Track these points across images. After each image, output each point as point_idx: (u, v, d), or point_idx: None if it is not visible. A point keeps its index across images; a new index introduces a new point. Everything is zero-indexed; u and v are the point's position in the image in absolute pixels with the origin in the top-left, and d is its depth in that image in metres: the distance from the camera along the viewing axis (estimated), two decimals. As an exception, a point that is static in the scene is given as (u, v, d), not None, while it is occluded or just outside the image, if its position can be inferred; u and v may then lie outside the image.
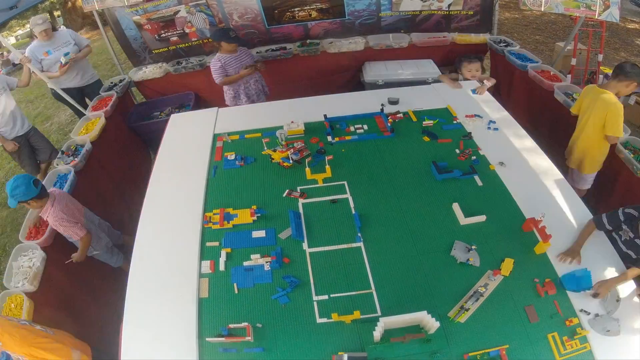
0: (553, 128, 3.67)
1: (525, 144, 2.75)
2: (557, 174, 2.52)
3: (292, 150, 2.69)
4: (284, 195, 2.48)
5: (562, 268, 1.97)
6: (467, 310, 1.82)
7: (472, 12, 4.68)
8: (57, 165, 3.30)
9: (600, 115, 2.79)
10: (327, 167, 2.61)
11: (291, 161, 2.64)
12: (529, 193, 2.38)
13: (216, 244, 2.23)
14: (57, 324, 2.53)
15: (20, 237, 2.72)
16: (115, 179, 3.81)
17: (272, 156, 2.70)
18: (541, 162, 2.60)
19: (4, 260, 3.80)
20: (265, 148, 2.76)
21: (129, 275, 2.13)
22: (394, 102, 3.23)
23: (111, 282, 3.17)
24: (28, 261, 2.58)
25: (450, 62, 4.78)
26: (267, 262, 2.09)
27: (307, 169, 2.62)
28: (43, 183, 2.71)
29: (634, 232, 2.10)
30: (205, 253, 2.19)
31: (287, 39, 4.89)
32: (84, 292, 2.92)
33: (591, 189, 3.14)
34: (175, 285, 2.04)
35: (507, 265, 1.97)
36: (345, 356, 1.66)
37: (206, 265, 2.11)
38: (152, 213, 2.48)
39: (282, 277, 2.04)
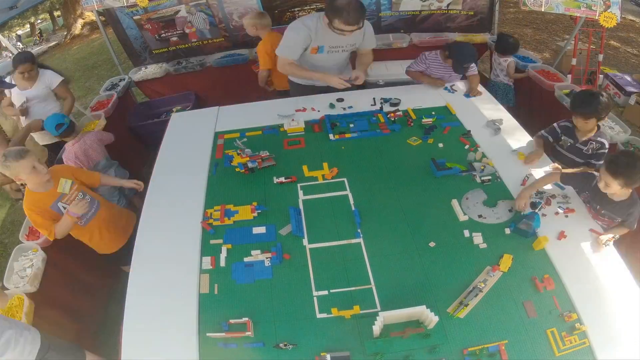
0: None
1: (524, 142, 2.75)
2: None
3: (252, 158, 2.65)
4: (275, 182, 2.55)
5: (561, 264, 1.97)
6: (466, 305, 1.82)
7: (472, 13, 4.70)
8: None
9: None
10: (325, 163, 2.63)
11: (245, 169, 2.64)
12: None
13: (219, 241, 2.23)
14: (57, 324, 2.54)
15: (20, 237, 2.73)
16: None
17: (234, 157, 2.65)
18: (540, 160, 2.60)
19: (4, 260, 3.81)
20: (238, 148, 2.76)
21: (130, 271, 2.13)
22: (395, 103, 3.24)
23: (111, 281, 3.18)
24: (28, 261, 2.58)
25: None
26: (267, 257, 2.10)
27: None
28: None
29: (573, 139, 2.65)
30: (206, 249, 2.19)
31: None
32: (84, 292, 2.93)
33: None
34: (175, 281, 2.05)
35: (506, 262, 1.98)
36: (328, 356, 1.66)
37: (207, 262, 2.11)
38: (153, 211, 2.48)
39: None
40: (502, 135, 2.82)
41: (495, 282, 1.91)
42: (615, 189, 2.06)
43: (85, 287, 2.95)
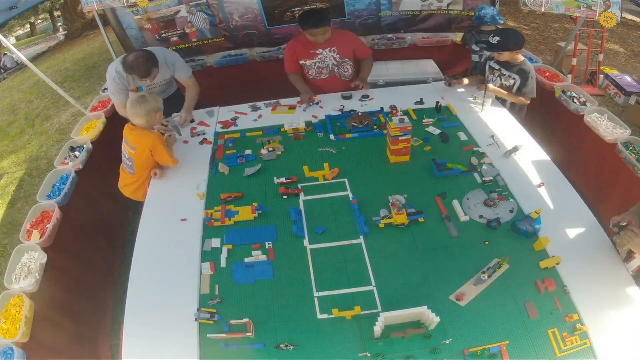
0: (553, 127, 3.68)
1: (525, 142, 2.75)
2: (557, 171, 2.52)
3: None
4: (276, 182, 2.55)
5: (562, 265, 1.97)
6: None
7: (472, 13, 4.70)
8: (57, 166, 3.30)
9: None
10: (326, 164, 2.63)
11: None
12: (528, 190, 2.38)
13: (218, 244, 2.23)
14: (57, 325, 2.54)
15: (20, 238, 2.72)
16: (113, 179, 3.81)
17: None
18: (540, 160, 2.61)
19: (4, 260, 3.80)
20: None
21: (130, 271, 2.13)
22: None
23: (111, 282, 3.17)
24: (28, 262, 2.57)
25: (451, 62, 4.80)
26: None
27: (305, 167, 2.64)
28: None
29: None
30: (205, 254, 2.19)
31: (287, 39, 4.89)
32: (84, 292, 2.92)
33: (591, 189, 3.14)
34: (176, 282, 2.05)
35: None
36: None
37: (206, 267, 2.10)
38: (153, 211, 2.48)
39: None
40: (502, 135, 2.82)
41: (496, 283, 1.91)
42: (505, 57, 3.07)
43: (85, 287, 2.95)
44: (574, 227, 2.16)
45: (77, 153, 3.43)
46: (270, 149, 2.81)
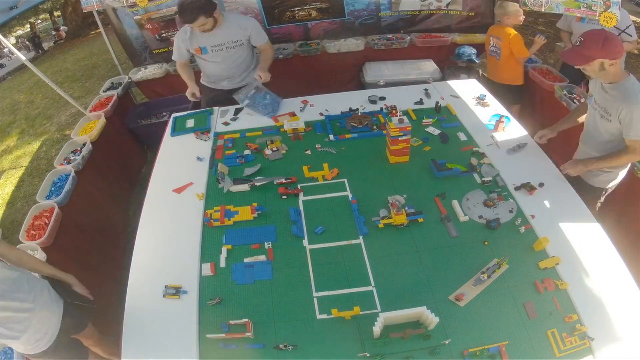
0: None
1: (523, 141, 2.75)
2: (556, 172, 2.52)
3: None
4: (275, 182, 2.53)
5: (561, 265, 1.97)
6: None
7: (472, 13, 4.70)
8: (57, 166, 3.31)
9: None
10: (325, 164, 2.64)
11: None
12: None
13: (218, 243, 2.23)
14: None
15: (20, 237, 2.72)
16: (113, 180, 3.82)
17: None
18: (539, 159, 2.62)
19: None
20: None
21: (130, 271, 2.13)
22: (373, 101, 3.28)
23: (111, 281, 3.17)
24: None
25: (450, 61, 4.80)
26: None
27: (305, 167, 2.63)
28: None
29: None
30: (205, 255, 2.18)
31: (287, 39, 4.91)
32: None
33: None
34: (176, 281, 2.05)
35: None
36: None
37: (206, 268, 2.10)
38: (152, 212, 2.48)
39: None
40: (503, 135, 2.82)
41: (495, 283, 1.91)
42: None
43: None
44: (573, 228, 2.16)
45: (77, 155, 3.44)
46: (274, 148, 2.81)
